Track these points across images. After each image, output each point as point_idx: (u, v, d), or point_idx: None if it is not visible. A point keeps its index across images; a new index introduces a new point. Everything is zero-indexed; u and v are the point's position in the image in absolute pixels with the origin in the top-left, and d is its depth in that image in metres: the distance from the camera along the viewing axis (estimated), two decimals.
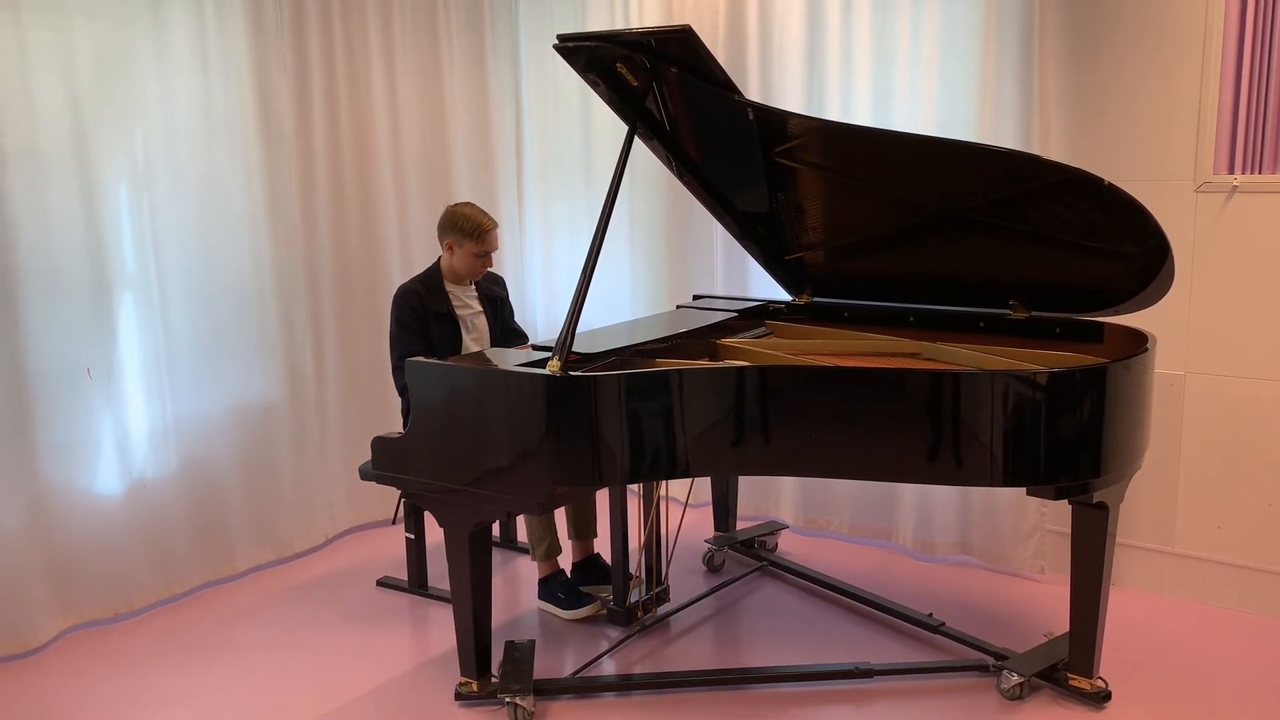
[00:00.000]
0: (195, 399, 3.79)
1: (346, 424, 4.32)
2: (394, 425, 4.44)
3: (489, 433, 2.73)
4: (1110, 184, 2.62)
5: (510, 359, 2.89)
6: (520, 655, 3.08)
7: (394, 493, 4.48)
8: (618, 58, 2.77)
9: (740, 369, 2.69)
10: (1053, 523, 3.75)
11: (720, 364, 2.81)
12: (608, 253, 4.71)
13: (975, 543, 3.89)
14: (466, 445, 2.77)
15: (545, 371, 2.66)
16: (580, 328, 2.85)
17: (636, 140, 4.36)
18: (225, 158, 3.80)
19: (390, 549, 4.24)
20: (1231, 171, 3.31)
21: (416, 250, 4.48)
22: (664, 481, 3.37)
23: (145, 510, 3.65)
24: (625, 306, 4.65)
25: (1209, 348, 3.42)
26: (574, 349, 2.90)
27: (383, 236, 4.35)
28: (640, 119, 3.00)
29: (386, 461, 2.96)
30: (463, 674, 3.02)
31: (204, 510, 3.84)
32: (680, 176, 3.37)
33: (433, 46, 4.50)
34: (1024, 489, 3.64)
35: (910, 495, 4.00)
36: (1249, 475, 3.40)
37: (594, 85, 2.93)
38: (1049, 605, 3.56)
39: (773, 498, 4.37)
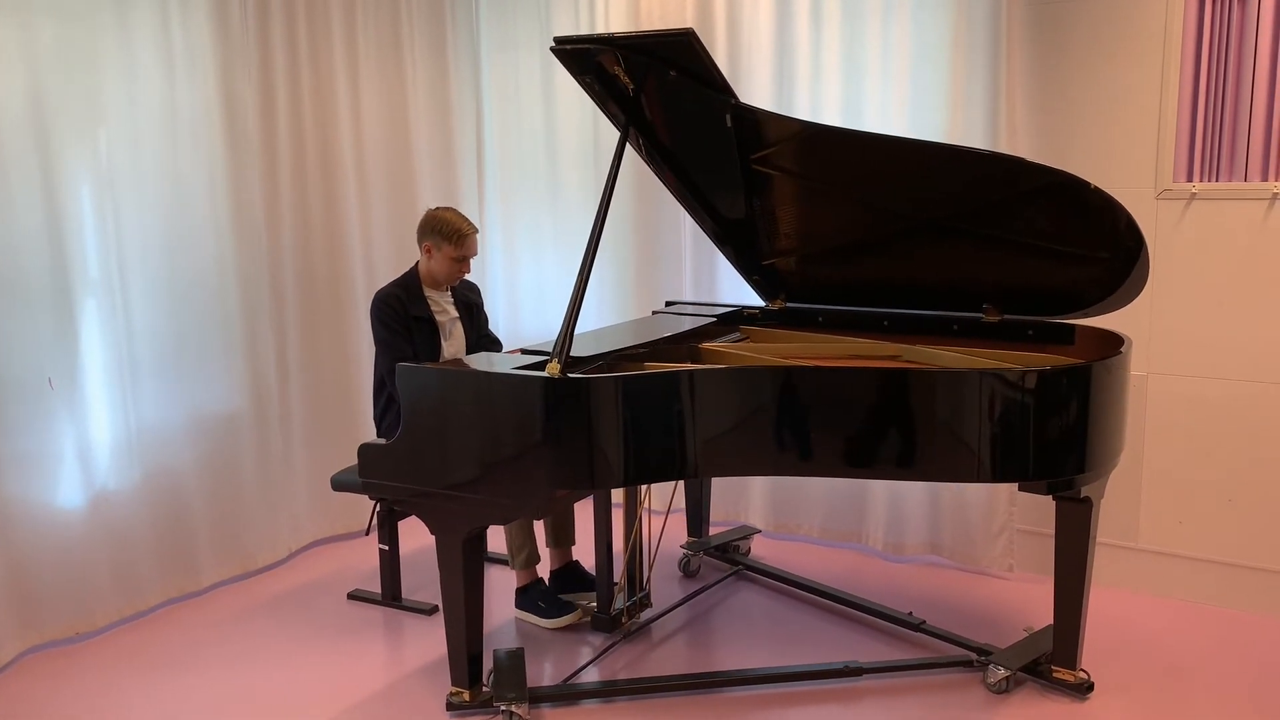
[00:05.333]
0: (158, 408, 3.68)
1: (310, 433, 4.23)
2: (357, 433, 4.37)
3: (486, 437, 2.70)
4: (1096, 187, 2.70)
5: (503, 363, 2.87)
6: (511, 663, 3.04)
7: (360, 503, 4.40)
8: (617, 61, 2.77)
9: (752, 369, 2.71)
10: (1021, 522, 3.84)
11: (722, 366, 2.82)
12: (575, 259, 4.70)
13: (945, 543, 3.97)
14: (463, 450, 2.73)
15: (545, 374, 2.65)
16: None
17: (609, 143, 4.44)
18: (189, 160, 3.71)
19: (357, 561, 4.16)
20: (1190, 180, 3.44)
21: (379, 256, 4.42)
22: (647, 489, 3.38)
23: (108, 524, 3.52)
24: (591, 313, 4.64)
25: (1170, 349, 3.55)
26: (538, 353, 2.93)
27: (346, 242, 4.28)
28: (634, 122, 3.00)
29: (374, 469, 2.91)
30: (454, 684, 2.97)
31: (167, 523, 3.72)
32: (665, 180, 3.38)
33: (395, 50, 4.45)
34: (1000, 485, 3.79)
35: (880, 497, 4.07)
36: (1209, 472, 3.54)
37: (588, 88, 2.93)
38: (1020, 602, 3.65)
39: (743, 502, 4.40)
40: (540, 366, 2.75)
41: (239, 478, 3.95)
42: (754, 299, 3.92)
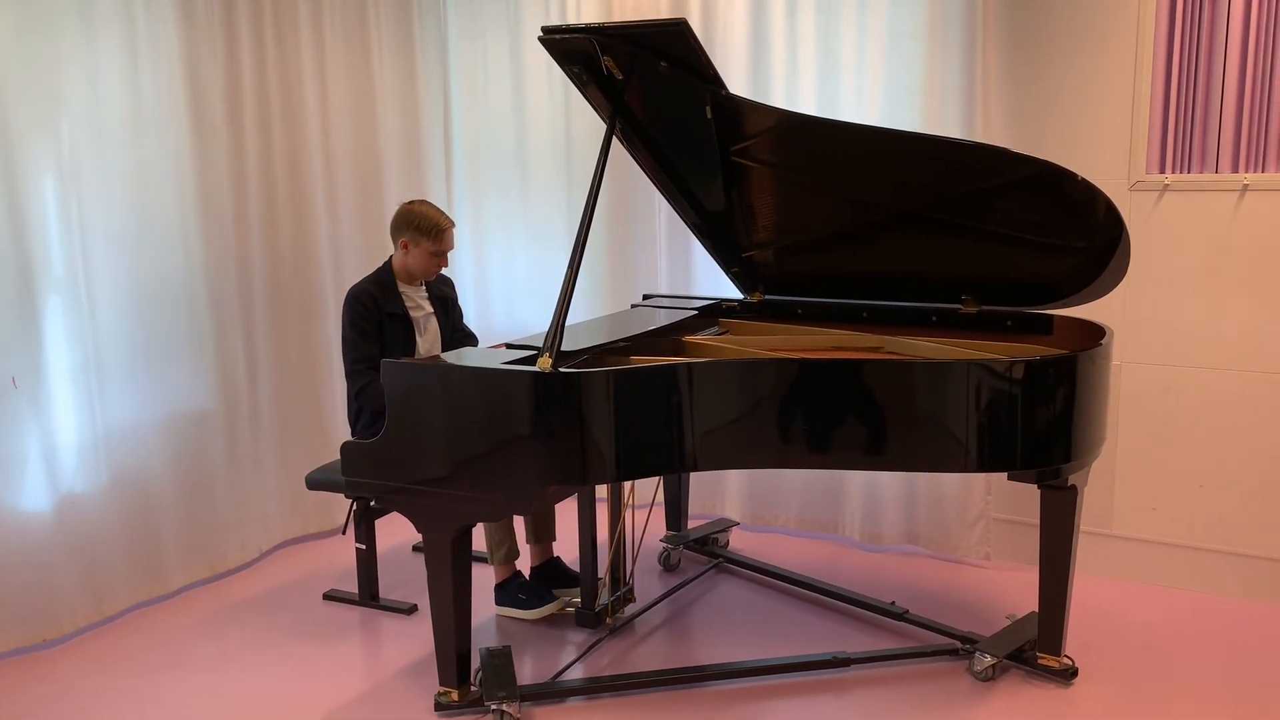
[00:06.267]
0: (125, 408, 3.57)
1: (278, 432, 4.14)
2: (329, 431, 4.30)
3: (477, 433, 2.65)
4: (1083, 179, 2.73)
5: (490, 358, 2.82)
6: (500, 662, 3.00)
7: (330, 502, 4.32)
8: (606, 51, 2.74)
9: (749, 362, 2.70)
10: (997, 510, 3.88)
11: (717, 360, 2.80)
12: (546, 253, 4.66)
13: (921, 532, 4.00)
14: (452, 446, 2.68)
15: (537, 369, 2.61)
16: (535, 329, 2.83)
17: (580, 135, 4.40)
18: (155, 152, 3.60)
19: (330, 561, 4.08)
20: (1163, 171, 3.50)
21: (347, 250, 4.34)
22: (632, 485, 3.36)
23: (74, 527, 3.41)
24: None
25: (1142, 338, 3.60)
26: (525, 347, 2.90)
27: (313, 236, 4.19)
28: (620, 113, 2.97)
29: (359, 467, 2.85)
30: (441, 684, 2.92)
31: (135, 525, 3.62)
32: (648, 171, 3.35)
33: (362, 40, 4.37)
34: (977, 474, 3.82)
35: (856, 487, 4.09)
36: (1180, 458, 3.60)
37: (575, 78, 2.89)
38: (998, 590, 3.68)
39: (719, 495, 4.39)
40: (527, 361, 2.72)
41: (208, 478, 3.86)
42: (729, 292, 3.91)
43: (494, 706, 2.82)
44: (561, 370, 2.60)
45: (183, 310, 3.73)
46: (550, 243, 4.64)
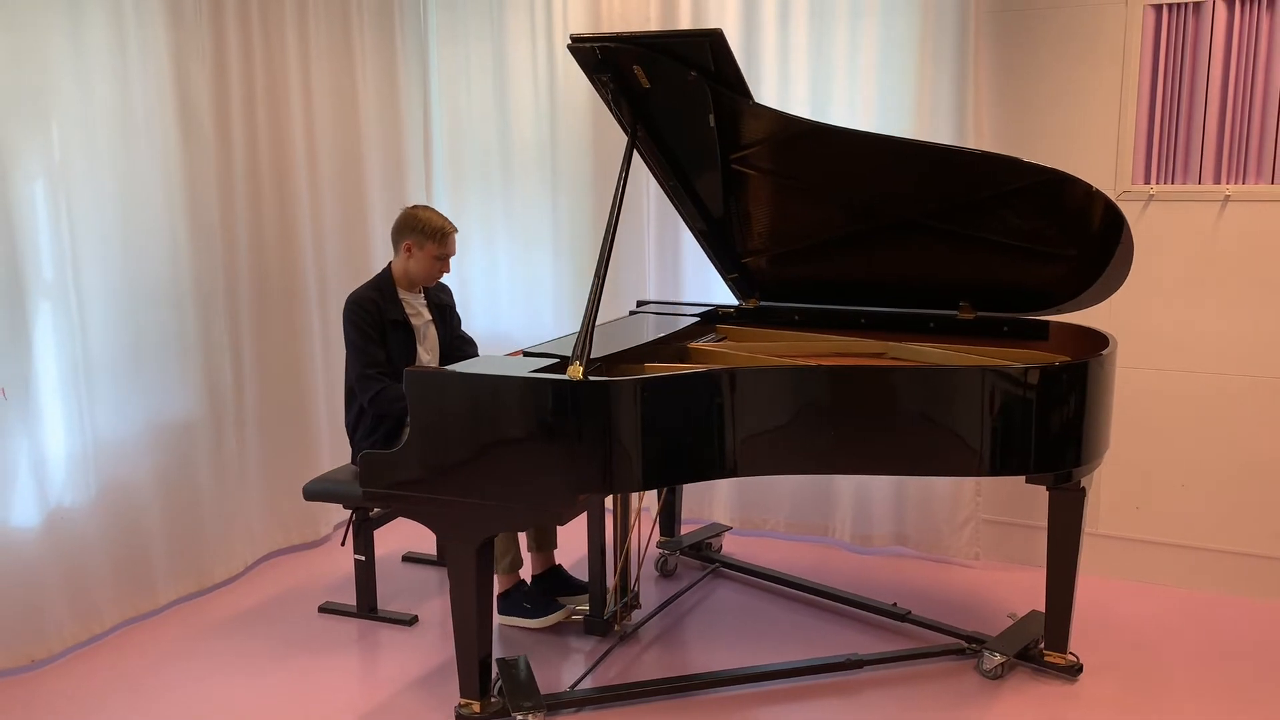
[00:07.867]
0: (114, 417, 3.46)
1: (264, 441, 4.05)
2: (313, 441, 4.21)
3: (507, 442, 2.63)
4: (1096, 189, 2.81)
5: (516, 367, 2.80)
6: (519, 672, 2.98)
7: (314, 513, 4.24)
8: (637, 60, 2.73)
9: (788, 370, 2.73)
10: (986, 511, 3.97)
11: (760, 366, 2.82)
12: (530, 258, 4.63)
13: (911, 534, 4.07)
14: (481, 456, 2.65)
15: (568, 377, 2.61)
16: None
17: (565, 140, 4.39)
18: (144, 154, 3.50)
19: (319, 572, 4.00)
20: (1148, 182, 3.62)
21: (330, 256, 4.26)
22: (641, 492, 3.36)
23: (63, 542, 3.29)
24: (549, 316, 4.58)
25: (1127, 343, 3.72)
26: (545, 355, 2.90)
27: (298, 243, 4.10)
28: (642, 121, 2.97)
29: (379, 478, 2.80)
30: (463, 695, 2.89)
31: (123, 539, 3.50)
32: (661, 180, 3.35)
33: (345, 42, 4.30)
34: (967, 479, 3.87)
35: (846, 489, 4.14)
36: (1164, 459, 3.72)
37: (601, 86, 2.88)
38: (990, 589, 3.77)
39: (709, 500, 4.41)
40: (552, 370, 2.71)
41: (194, 489, 3.75)
42: (719, 297, 3.93)
43: (520, 717, 2.80)
44: (594, 379, 2.60)
45: (170, 317, 3.62)
46: (534, 248, 4.61)
